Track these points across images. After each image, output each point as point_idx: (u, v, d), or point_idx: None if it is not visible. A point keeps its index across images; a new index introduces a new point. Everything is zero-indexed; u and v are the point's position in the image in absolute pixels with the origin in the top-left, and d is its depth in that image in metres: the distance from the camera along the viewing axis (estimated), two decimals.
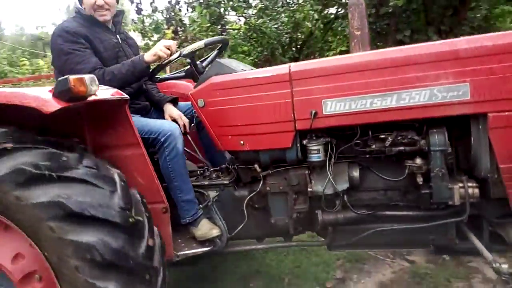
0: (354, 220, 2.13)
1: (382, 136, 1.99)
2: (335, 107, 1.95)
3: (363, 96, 1.90)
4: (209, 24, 8.63)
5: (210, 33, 8.56)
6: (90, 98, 1.80)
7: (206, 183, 2.41)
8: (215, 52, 2.63)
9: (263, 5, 8.71)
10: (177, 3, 8.59)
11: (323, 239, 2.35)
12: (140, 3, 8.29)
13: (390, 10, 7.30)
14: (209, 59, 2.58)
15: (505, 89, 1.73)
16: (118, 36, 2.62)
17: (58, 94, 1.73)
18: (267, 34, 8.61)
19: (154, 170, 2.13)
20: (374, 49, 2.31)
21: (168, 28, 8.51)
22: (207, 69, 2.38)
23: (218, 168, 2.54)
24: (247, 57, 8.74)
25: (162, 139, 2.22)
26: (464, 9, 7.08)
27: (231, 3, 8.64)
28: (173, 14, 8.59)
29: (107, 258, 1.64)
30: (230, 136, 2.19)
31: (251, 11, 8.87)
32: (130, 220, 1.78)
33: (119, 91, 2.03)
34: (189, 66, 2.45)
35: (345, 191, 2.08)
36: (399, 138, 1.96)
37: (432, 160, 1.91)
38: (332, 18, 8.62)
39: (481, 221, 2.04)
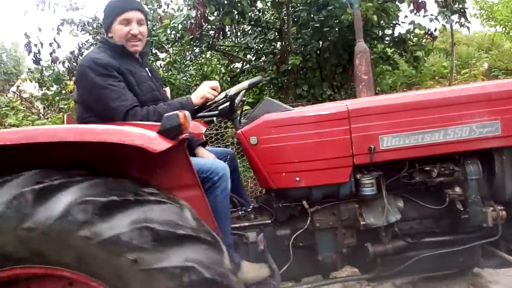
0: (402, 249, 2.28)
1: (427, 168, 2.23)
2: (390, 142, 2.15)
3: (415, 132, 2.15)
4: None
5: None
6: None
7: (246, 224, 2.33)
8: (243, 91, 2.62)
9: (171, 59, 8.80)
10: (81, 54, 8.16)
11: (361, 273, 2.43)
12: (39, 53, 7.65)
13: (289, 68, 8.04)
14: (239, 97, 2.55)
15: None
16: (146, 68, 2.46)
17: (165, 131, 1.59)
18: (176, 85, 8.66)
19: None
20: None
21: (70, 79, 7.96)
22: (255, 108, 2.38)
23: (251, 208, 2.47)
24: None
25: (215, 178, 2.11)
26: (351, 67, 8.19)
27: None
28: (75, 64, 8.09)
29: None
30: (284, 173, 2.20)
31: (159, 63, 8.84)
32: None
33: None
34: (224, 106, 2.41)
35: (395, 222, 2.23)
36: (441, 169, 2.22)
37: (469, 188, 2.20)
38: (238, 72, 9.11)
39: (499, 240, 2.37)
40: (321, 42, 8.45)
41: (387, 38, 8.25)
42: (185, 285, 1.43)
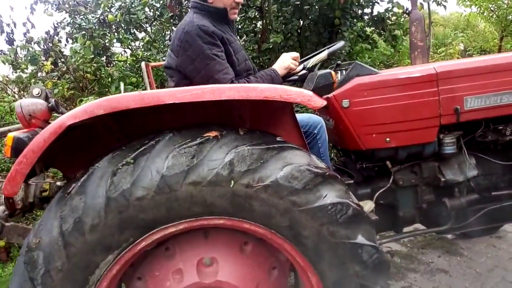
0: (473, 202, 2.45)
1: (500, 128, 2.40)
2: (474, 103, 2.29)
3: (495, 93, 2.29)
4: (93, 56, 8.01)
5: (95, 64, 7.91)
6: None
7: None
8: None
9: (150, 38, 8.53)
10: (56, 34, 7.72)
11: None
12: (12, 33, 7.13)
13: (270, 47, 8.09)
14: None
15: None
16: (237, 37, 2.42)
17: (320, 88, 1.63)
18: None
19: None
20: None
21: (47, 60, 7.52)
22: (345, 70, 2.41)
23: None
24: (135, 89, 8.33)
25: (315, 131, 2.17)
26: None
27: (116, 35, 8.22)
28: (51, 45, 7.64)
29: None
30: (374, 135, 2.28)
31: (138, 43, 8.54)
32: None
33: None
34: (303, 72, 2.43)
35: (472, 177, 2.40)
36: None
37: None
38: None
39: None
40: (301, 21, 8.55)
41: (366, 17, 8.48)
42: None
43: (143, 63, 3.05)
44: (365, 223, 1.55)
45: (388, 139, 2.27)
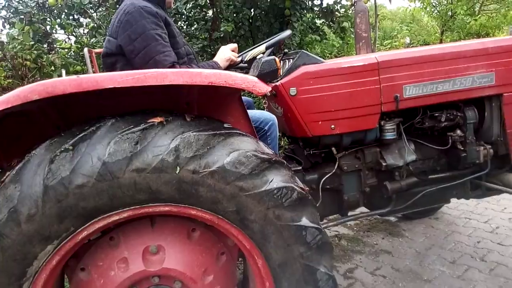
0: (412, 185, 2.60)
1: (436, 115, 2.54)
2: (412, 91, 2.41)
3: (431, 82, 2.43)
4: (33, 42, 7.62)
5: (35, 51, 7.52)
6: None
7: None
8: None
9: (95, 25, 8.23)
10: None
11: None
12: None
13: (221, 35, 8.05)
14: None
15: None
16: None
17: (264, 75, 1.65)
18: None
19: None
20: None
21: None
22: (292, 59, 2.44)
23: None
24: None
25: (265, 127, 2.20)
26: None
27: (58, 20, 7.87)
28: None
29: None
30: (320, 122, 2.35)
31: (82, 30, 8.20)
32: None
33: None
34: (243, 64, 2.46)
35: (409, 162, 2.53)
36: (447, 115, 2.55)
37: (467, 130, 2.57)
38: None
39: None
40: (252, 10, 8.55)
41: (316, 9, 8.62)
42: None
43: (86, 49, 2.92)
44: (309, 206, 1.60)
45: (333, 126, 2.35)
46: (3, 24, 7.47)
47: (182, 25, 9.01)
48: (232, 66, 2.44)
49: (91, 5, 7.77)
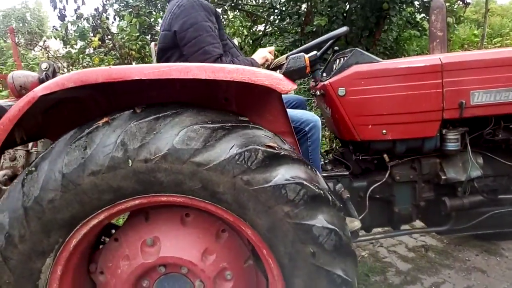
0: (478, 204, 2.31)
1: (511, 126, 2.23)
2: (481, 98, 2.14)
3: (506, 88, 2.12)
4: (138, 34, 8.26)
5: (140, 42, 8.17)
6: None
7: (324, 174, 2.34)
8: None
9: None
10: (105, 11, 8.03)
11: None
12: (64, 9, 7.49)
13: (314, 29, 7.88)
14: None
15: None
16: None
17: (290, 72, 1.59)
18: None
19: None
20: None
21: (95, 36, 7.84)
22: (342, 59, 2.34)
23: (327, 160, 2.49)
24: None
25: (306, 129, 2.12)
26: (378, 31, 8.08)
27: (161, 13, 8.40)
28: (99, 22, 7.95)
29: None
30: (370, 126, 2.19)
31: None
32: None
33: None
34: (312, 54, 2.37)
35: (476, 178, 2.25)
36: None
37: None
38: (261, 35, 8.97)
39: None
40: (348, 4, 8.28)
41: (417, 2, 8.07)
42: (254, 166, 1.45)
43: (152, 44, 3.07)
44: (281, 162, 1.49)
45: (384, 131, 2.19)
46: (114, 16, 8.21)
47: (274, 19, 9.08)
48: (268, 66, 2.43)
49: None
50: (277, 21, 9.14)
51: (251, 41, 9.12)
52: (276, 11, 9.09)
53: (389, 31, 8.52)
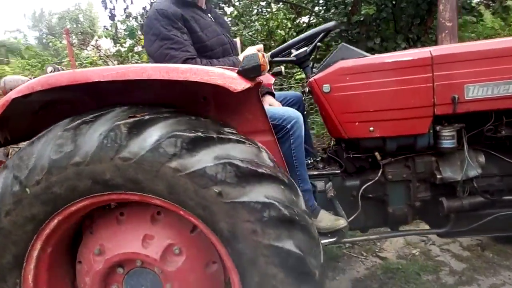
0: (479, 205, 2.16)
1: None
2: (477, 92, 1.99)
3: (506, 81, 1.96)
4: None
5: None
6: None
7: (316, 173, 2.31)
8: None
9: (238, 13, 8.71)
10: None
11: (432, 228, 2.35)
12: (114, 9, 7.90)
13: (361, 19, 7.60)
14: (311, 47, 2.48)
15: None
16: (209, 14, 2.47)
17: (245, 71, 1.59)
18: (241, 41, 8.60)
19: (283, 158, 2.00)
20: None
21: (143, 34, 8.21)
22: (331, 54, 2.29)
23: (321, 158, 2.45)
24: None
25: (288, 126, 2.10)
26: (430, 19, 7.62)
27: None
28: None
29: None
30: (357, 123, 2.13)
31: (225, 18, 8.84)
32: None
33: None
34: (301, 51, 2.35)
35: (474, 177, 2.11)
36: None
37: None
38: (305, 27, 8.85)
39: None
40: None
41: None
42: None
43: (237, 39, 3.08)
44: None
45: (372, 128, 2.11)
46: None
47: (319, 9, 8.91)
48: None
49: None
50: (322, 12, 8.96)
51: (295, 33, 9.03)
52: (321, 1, 8.91)
53: None
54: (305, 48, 2.29)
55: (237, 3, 8.63)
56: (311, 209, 2.19)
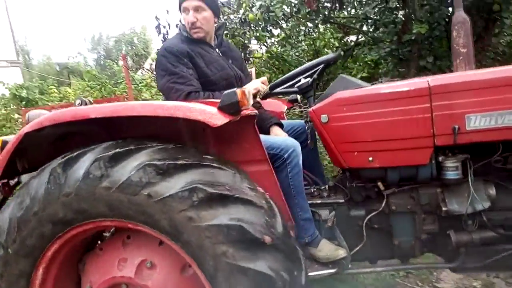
0: (489, 240, 2.05)
1: None
2: (479, 122, 1.91)
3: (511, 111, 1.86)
4: None
5: None
6: (246, 112, 1.75)
7: (319, 201, 2.31)
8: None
9: (286, 35, 8.83)
10: None
11: (445, 262, 2.25)
12: (167, 33, 8.34)
13: (413, 38, 7.39)
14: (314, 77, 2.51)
15: None
16: (217, 50, 2.59)
17: (224, 107, 1.67)
18: (288, 61, 8.71)
19: (279, 187, 2.04)
20: (396, 76, 2.32)
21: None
22: (331, 84, 2.32)
23: (326, 186, 2.44)
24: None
25: (285, 155, 2.14)
26: (488, 36, 7.24)
27: (255, 33, 8.75)
28: None
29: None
30: (356, 153, 2.11)
31: (272, 40, 8.99)
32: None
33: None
34: (304, 82, 2.39)
35: (483, 210, 2.00)
36: None
37: None
38: (353, 46, 8.76)
39: None
40: (450, 8, 7.63)
41: None
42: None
43: (253, 69, 3.19)
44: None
45: (371, 158, 2.09)
46: None
47: (368, 29, 8.81)
48: (262, 96, 2.47)
49: (283, 17, 8.39)
50: (371, 31, 8.84)
51: (343, 52, 8.98)
52: (369, 21, 8.80)
53: (500, 34, 7.64)
54: (307, 79, 2.33)
55: (284, 25, 8.75)
56: (311, 238, 2.19)
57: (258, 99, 2.46)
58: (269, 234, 1.61)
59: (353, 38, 8.72)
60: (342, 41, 8.66)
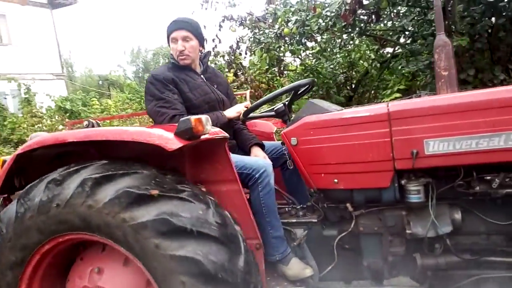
0: (456, 265, 2.03)
1: (488, 178, 1.91)
2: (438, 147, 1.92)
3: (469, 136, 1.86)
4: (267, 67, 8.88)
5: (269, 75, 8.80)
6: (203, 137, 1.89)
7: (294, 220, 2.39)
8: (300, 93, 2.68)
9: (320, 48, 8.86)
10: (238, 47, 8.95)
11: (417, 284, 2.24)
12: (204, 48, 8.71)
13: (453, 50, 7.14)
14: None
15: None
16: (202, 76, 2.78)
17: (179, 133, 1.82)
18: (322, 74, 8.72)
19: (249, 206, 2.15)
20: (435, 89, 2.29)
21: (229, 71, 8.83)
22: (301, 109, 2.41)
23: (304, 206, 2.52)
24: (303, 97, 8.88)
25: (256, 175, 2.25)
26: None
27: (289, 46, 8.85)
28: (233, 58, 8.93)
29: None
30: (323, 174, 2.19)
31: (307, 52, 9.07)
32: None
33: (221, 129, 2.10)
34: (279, 106, 2.51)
35: (447, 234, 2.00)
36: (506, 180, 1.88)
37: None
38: (389, 57, 8.61)
39: None
40: (493, 19, 7.34)
41: None
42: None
43: (248, 91, 3.36)
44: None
45: (336, 180, 2.15)
46: (246, 52, 9.08)
47: (405, 41, 8.64)
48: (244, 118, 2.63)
49: (318, 30, 8.47)
50: (408, 43, 8.66)
51: (378, 64, 8.87)
52: (407, 33, 8.64)
53: None
54: (281, 104, 2.44)
55: (318, 38, 8.80)
56: (282, 256, 2.29)
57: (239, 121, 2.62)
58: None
59: (389, 49, 8.60)
60: (378, 53, 8.56)
